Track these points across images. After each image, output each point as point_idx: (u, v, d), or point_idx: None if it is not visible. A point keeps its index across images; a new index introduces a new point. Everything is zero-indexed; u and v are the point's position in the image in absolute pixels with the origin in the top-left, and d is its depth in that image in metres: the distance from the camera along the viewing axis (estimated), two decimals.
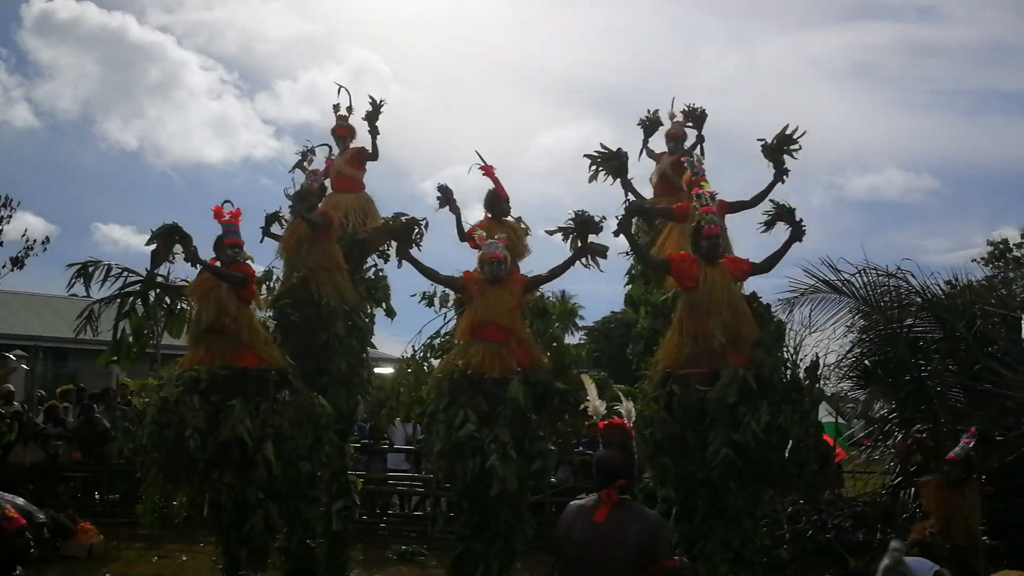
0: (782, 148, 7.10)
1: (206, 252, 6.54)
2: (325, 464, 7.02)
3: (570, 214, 6.59)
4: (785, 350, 6.65)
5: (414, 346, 7.55)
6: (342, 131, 8.69)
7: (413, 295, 7.63)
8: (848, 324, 9.13)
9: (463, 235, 7.14)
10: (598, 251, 6.64)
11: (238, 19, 71.35)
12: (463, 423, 6.02)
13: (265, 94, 70.08)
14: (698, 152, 8.40)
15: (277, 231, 7.95)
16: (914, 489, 7.87)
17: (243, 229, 6.72)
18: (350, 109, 8.75)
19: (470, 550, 6.24)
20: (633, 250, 6.88)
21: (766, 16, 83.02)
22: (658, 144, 8.73)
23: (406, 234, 7.10)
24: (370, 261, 8.44)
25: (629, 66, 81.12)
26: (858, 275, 8.92)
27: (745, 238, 9.34)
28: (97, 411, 11.72)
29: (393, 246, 7.81)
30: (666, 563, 3.60)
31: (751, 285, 6.68)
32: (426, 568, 9.44)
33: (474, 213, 7.55)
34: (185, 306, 7.30)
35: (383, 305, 8.42)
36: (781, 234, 6.47)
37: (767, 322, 6.47)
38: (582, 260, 6.59)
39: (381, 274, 8.48)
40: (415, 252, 7.06)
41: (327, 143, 8.70)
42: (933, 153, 75.54)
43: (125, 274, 7.35)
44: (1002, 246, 23.04)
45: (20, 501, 7.01)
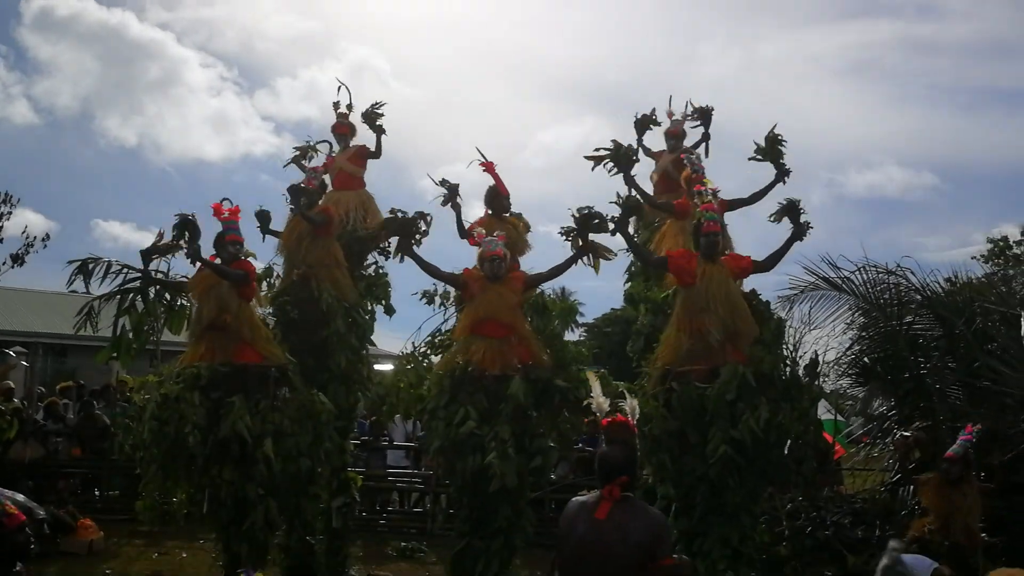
0: (774, 148, 7.14)
1: (206, 249, 6.52)
2: (325, 461, 7.03)
3: (573, 212, 6.54)
4: (785, 347, 6.66)
5: (414, 343, 7.57)
6: (342, 128, 8.66)
7: (414, 293, 7.65)
8: (848, 321, 9.16)
9: (463, 232, 7.14)
10: (600, 251, 6.64)
11: (238, 16, 71.48)
12: (464, 420, 6.03)
13: (265, 91, 70.27)
14: (701, 150, 8.41)
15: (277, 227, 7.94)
16: (913, 486, 7.87)
17: (242, 226, 6.70)
18: (350, 106, 8.72)
19: (470, 546, 6.24)
20: (631, 248, 6.88)
21: (766, 13, 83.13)
22: (655, 142, 8.74)
23: (407, 230, 7.10)
24: (371, 258, 8.44)
25: (629, 63, 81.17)
26: (858, 272, 8.95)
27: (745, 236, 9.35)
28: (97, 407, 11.74)
29: (394, 242, 7.81)
30: (665, 562, 3.57)
31: (750, 282, 6.70)
32: (426, 564, 9.44)
33: (474, 210, 7.57)
34: (185, 302, 7.30)
35: (383, 302, 8.42)
36: (785, 230, 6.47)
37: (767, 319, 6.47)
38: (582, 259, 6.58)
39: (382, 271, 8.49)
40: (416, 248, 7.07)
41: (327, 140, 8.71)
42: (933, 150, 75.69)
43: (125, 271, 7.36)
44: (1002, 243, 23.08)
45: (20, 497, 6.97)
